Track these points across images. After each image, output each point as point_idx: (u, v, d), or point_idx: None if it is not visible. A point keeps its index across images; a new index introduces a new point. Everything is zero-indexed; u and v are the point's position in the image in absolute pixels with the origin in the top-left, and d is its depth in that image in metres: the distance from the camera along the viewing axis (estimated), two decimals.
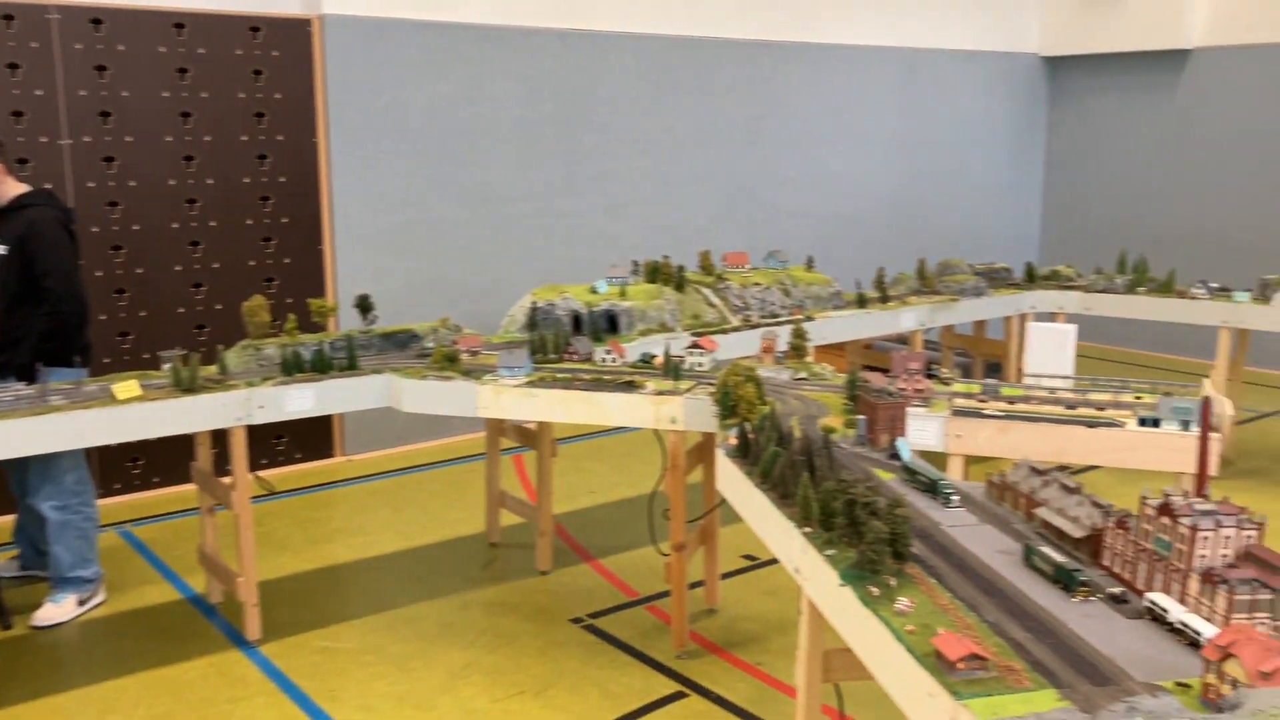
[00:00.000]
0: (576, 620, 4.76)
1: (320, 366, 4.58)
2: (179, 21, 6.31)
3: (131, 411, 4.12)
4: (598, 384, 4.36)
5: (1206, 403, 2.63)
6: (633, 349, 4.93)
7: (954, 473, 3.97)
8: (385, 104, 7.00)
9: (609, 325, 5.26)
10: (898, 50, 9.56)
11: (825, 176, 9.29)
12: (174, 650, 4.49)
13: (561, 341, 4.85)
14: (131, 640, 4.61)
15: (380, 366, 4.72)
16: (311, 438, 6.97)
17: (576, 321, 5.23)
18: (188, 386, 4.27)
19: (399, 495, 6.45)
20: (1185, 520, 2.33)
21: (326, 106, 6.81)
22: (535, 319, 5.24)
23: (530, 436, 5.35)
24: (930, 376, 4.34)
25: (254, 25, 6.57)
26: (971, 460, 4.26)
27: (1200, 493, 2.56)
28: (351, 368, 4.65)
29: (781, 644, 4.48)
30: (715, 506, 4.62)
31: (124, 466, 6.36)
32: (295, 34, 6.70)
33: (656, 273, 5.69)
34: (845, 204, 9.44)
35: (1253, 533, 2.34)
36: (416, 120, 7.15)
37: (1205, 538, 2.31)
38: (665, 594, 4.69)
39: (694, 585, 4.86)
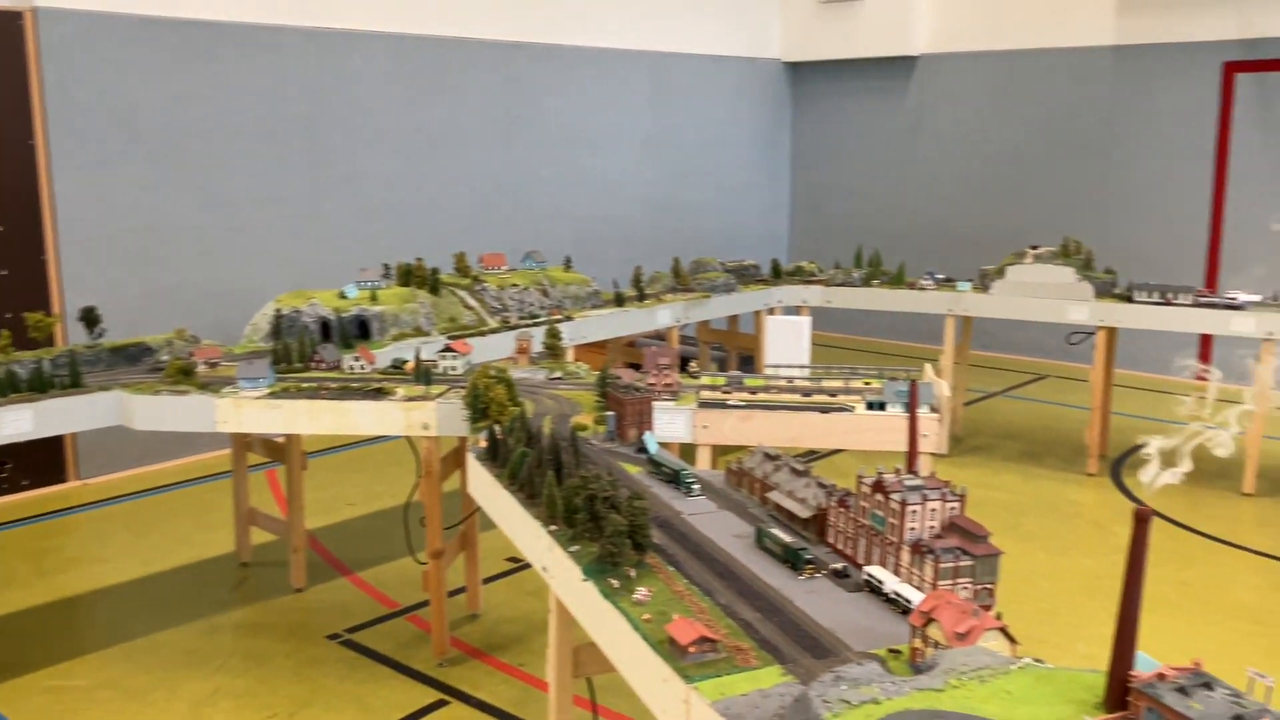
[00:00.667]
0: (334, 636, 4.61)
1: (38, 385, 4.24)
2: None
3: None
4: (345, 392, 4.24)
5: (914, 386, 2.83)
6: (384, 355, 4.83)
7: (702, 463, 4.11)
8: (113, 104, 6.57)
9: (360, 331, 5.13)
10: (648, 54, 9.78)
11: (582, 177, 9.39)
12: None
13: (307, 349, 4.69)
14: None
15: (109, 383, 4.42)
16: (39, 462, 6.46)
17: (325, 328, 5.07)
18: None
19: (140, 519, 6.06)
20: (895, 496, 2.49)
21: (44, 106, 6.32)
22: (280, 327, 5.04)
23: (279, 450, 5.15)
24: (683, 371, 4.47)
25: None
26: (723, 450, 4.42)
27: (911, 470, 2.74)
28: (75, 385, 4.33)
29: (542, 643, 4.47)
30: (473, 512, 4.58)
31: None
32: (4, 28, 6.18)
33: (410, 276, 5.59)
34: (602, 204, 9.58)
35: (955, 504, 2.52)
36: (149, 121, 6.74)
37: (914, 511, 2.48)
38: (425, 603, 4.62)
39: (456, 592, 4.81)
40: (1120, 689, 1.69)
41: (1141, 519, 1.70)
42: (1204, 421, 3.62)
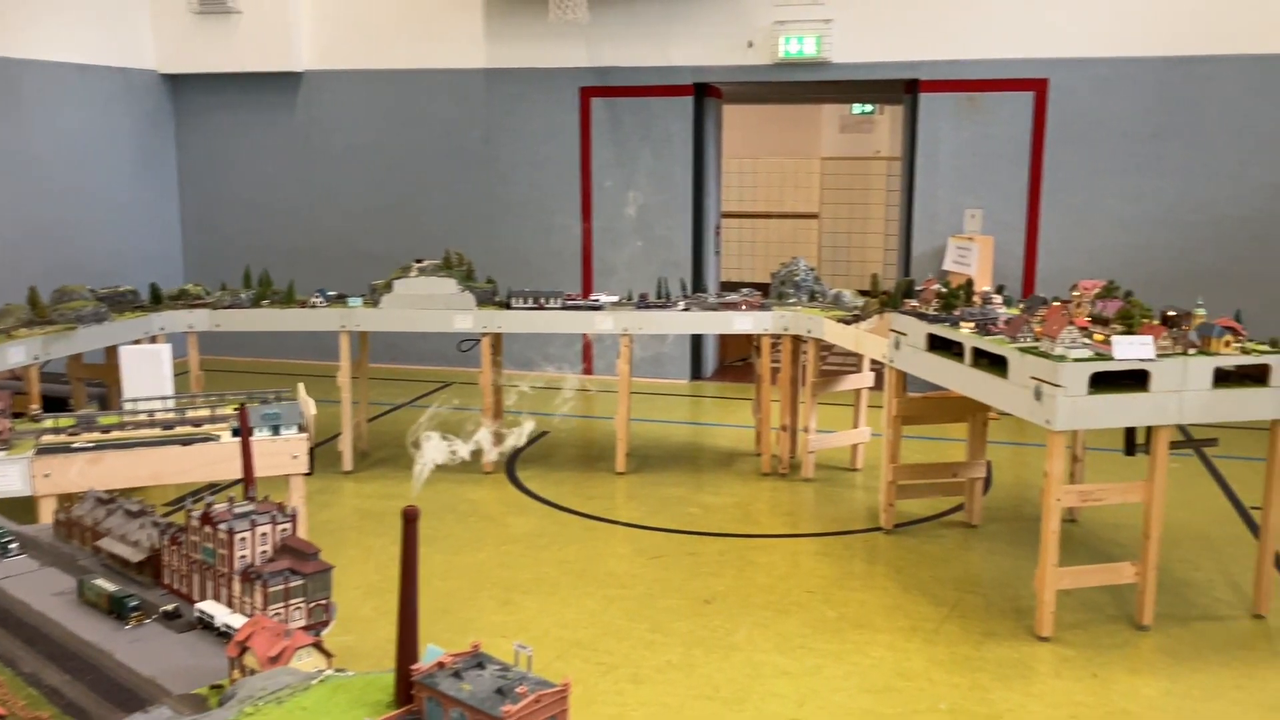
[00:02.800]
0: None
1: None
2: None
3: None
4: None
5: (243, 409, 2.76)
6: None
7: (46, 516, 3.70)
8: None
9: None
10: None
11: None
12: None
13: None
14: None
15: None
16: None
17: None
18: None
19: None
20: (223, 526, 2.41)
21: None
22: None
23: None
24: (18, 415, 3.99)
25: None
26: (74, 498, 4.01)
27: (246, 495, 2.67)
28: None
29: None
30: None
31: None
32: None
33: None
34: None
35: (287, 526, 2.50)
36: None
37: (243, 539, 2.41)
38: None
39: None
40: (406, 684, 1.76)
41: (409, 519, 1.79)
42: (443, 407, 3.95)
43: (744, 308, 6.94)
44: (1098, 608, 4.97)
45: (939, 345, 5.34)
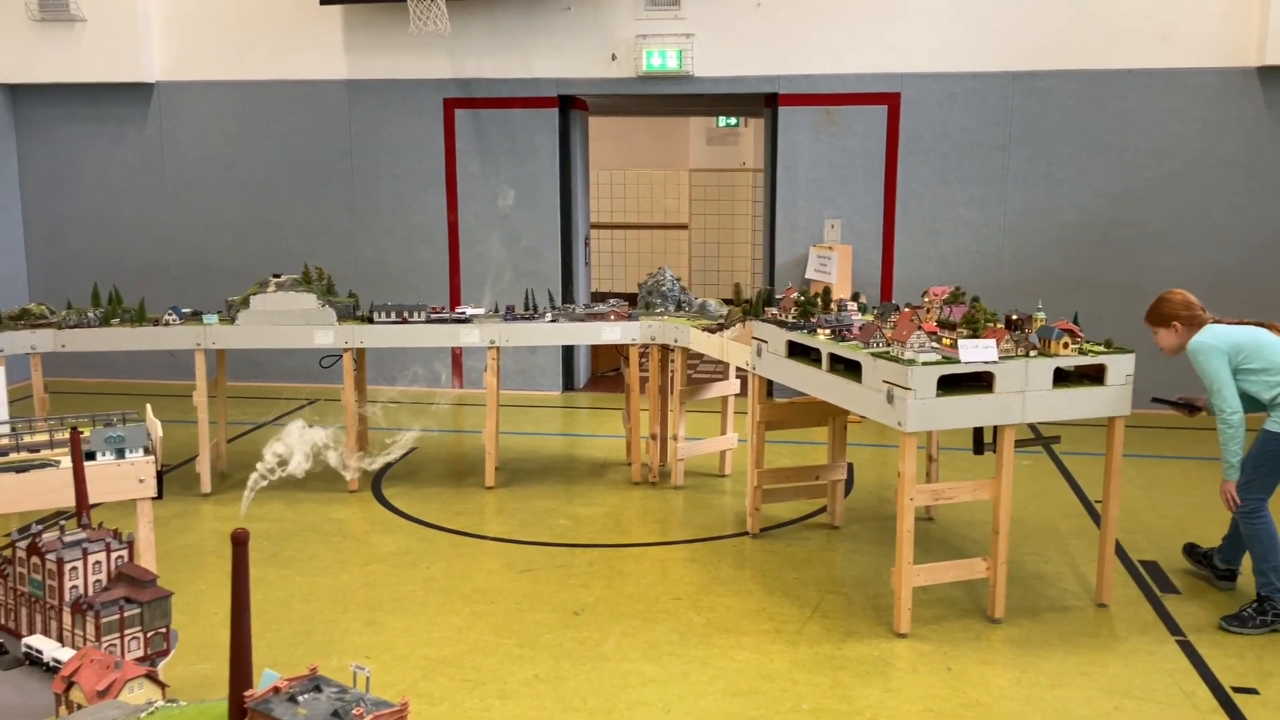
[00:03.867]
0: None
1: None
2: None
3: None
4: None
5: (75, 434, 2.65)
6: None
7: None
8: None
9: None
10: None
11: None
12: None
13: None
14: None
15: None
16: None
17: None
18: None
19: None
20: (51, 556, 2.31)
21: None
22: None
23: None
24: None
25: None
26: None
27: (80, 523, 2.57)
28: None
29: None
30: None
31: None
32: None
33: None
34: None
35: (123, 553, 2.42)
36: None
37: (74, 568, 2.32)
38: None
39: None
40: (239, 710, 1.72)
41: (239, 542, 1.75)
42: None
43: (612, 318, 6.97)
44: (953, 603, 5.15)
45: (798, 352, 5.47)
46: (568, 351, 10.11)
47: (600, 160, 13.95)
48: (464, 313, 7.16)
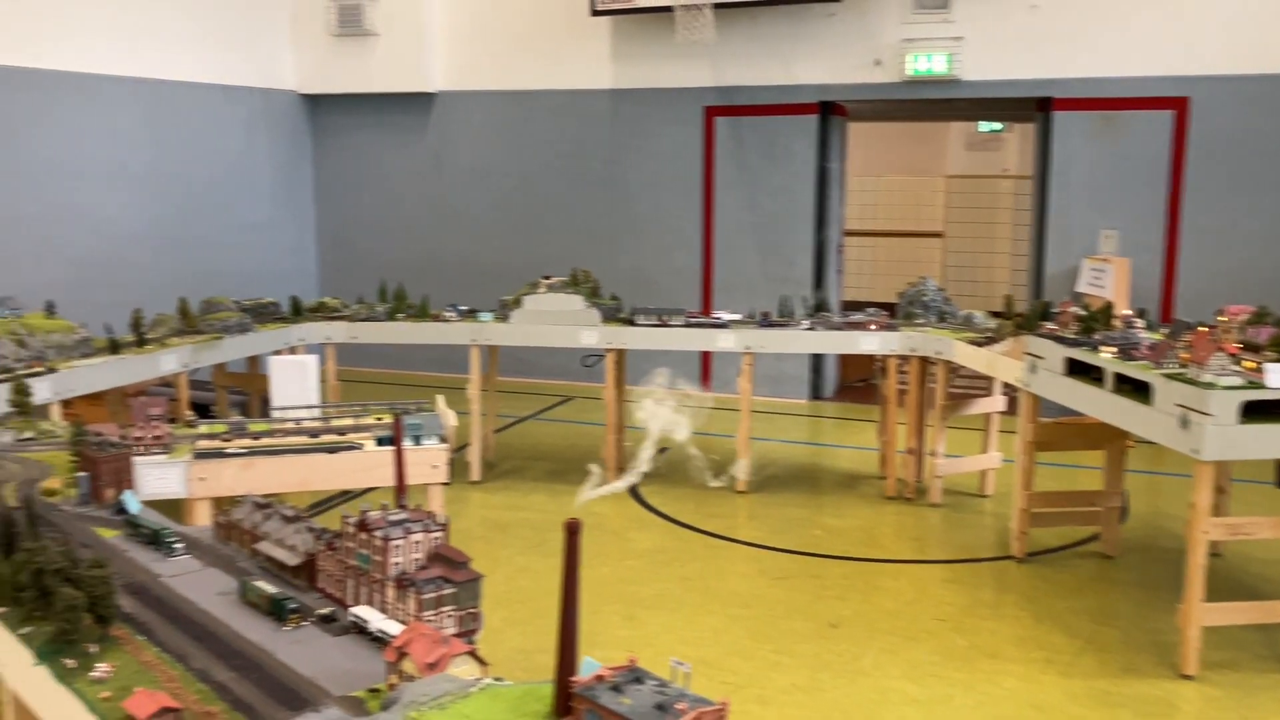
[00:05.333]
0: None
1: None
2: None
3: None
4: None
5: (398, 420, 2.85)
6: None
7: (201, 518, 3.86)
8: None
9: None
10: (145, 81, 9.11)
11: (70, 214, 8.52)
12: None
13: None
14: None
15: None
16: None
17: None
18: None
19: None
20: (378, 533, 2.49)
21: None
22: None
23: None
24: (174, 420, 4.18)
25: None
26: (230, 502, 4.18)
27: (400, 504, 2.75)
28: None
29: None
30: None
31: None
32: None
33: None
34: (97, 243, 8.76)
35: (439, 534, 2.57)
36: None
37: (397, 546, 2.49)
38: None
39: None
40: (565, 695, 1.79)
41: (571, 531, 1.82)
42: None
43: (872, 327, 6.86)
44: (1245, 646, 4.76)
45: (1077, 370, 5.19)
46: (816, 359, 10.01)
47: (852, 165, 13.75)
48: (720, 318, 7.23)
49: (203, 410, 7.13)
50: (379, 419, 4.32)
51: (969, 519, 6.60)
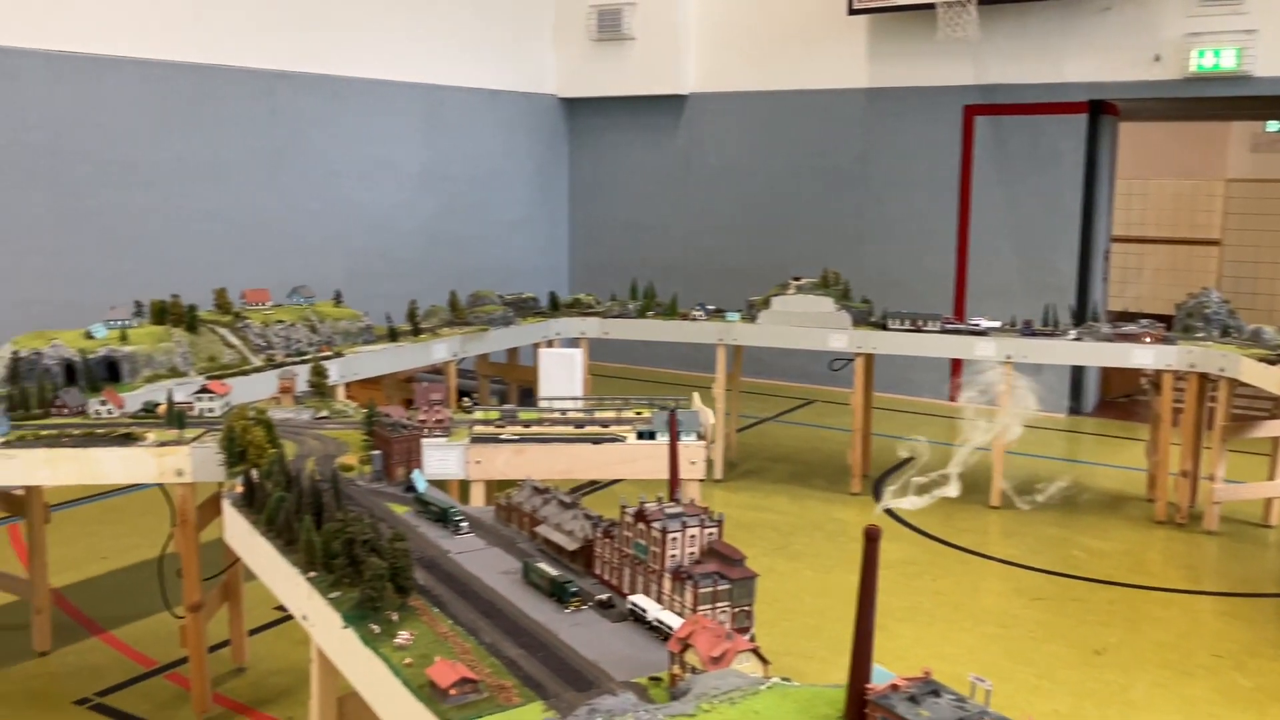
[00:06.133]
0: (82, 701, 4.28)
1: None
2: None
3: None
4: (90, 439, 3.97)
5: (672, 415, 2.90)
6: (135, 398, 4.55)
7: (476, 499, 4.07)
8: None
9: (109, 373, 4.81)
10: (421, 86, 9.69)
11: (353, 210, 9.17)
12: None
13: (47, 394, 4.36)
14: None
15: None
16: None
17: (70, 371, 4.73)
18: None
19: None
20: (656, 525, 2.54)
21: None
22: (18, 371, 4.66)
23: (18, 503, 4.75)
24: (460, 406, 4.41)
25: None
26: (498, 485, 4.39)
27: (673, 497, 2.80)
28: None
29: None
30: (235, 561, 4.37)
31: None
32: None
33: (165, 313, 5.30)
34: (376, 237, 9.38)
35: (714, 530, 2.59)
36: None
37: (674, 539, 2.53)
38: (185, 659, 4.36)
39: (221, 645, 4.57)
40: (858, 702, 1.77)
41: (871, 538, 1.80)
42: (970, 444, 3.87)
43: (1146, 340, 6.44)
44: None
45: None
46: (1076, 372, 9.50)
47: (1119, 168, 12.95)
48: (978, 324, 6.97)
49: (464, 397, 7.51)
50: (638, 413, 4.42)
51: (1250, 550, 6.10)
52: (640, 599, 2.51)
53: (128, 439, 3.97)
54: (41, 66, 6.93)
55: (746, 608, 2.48)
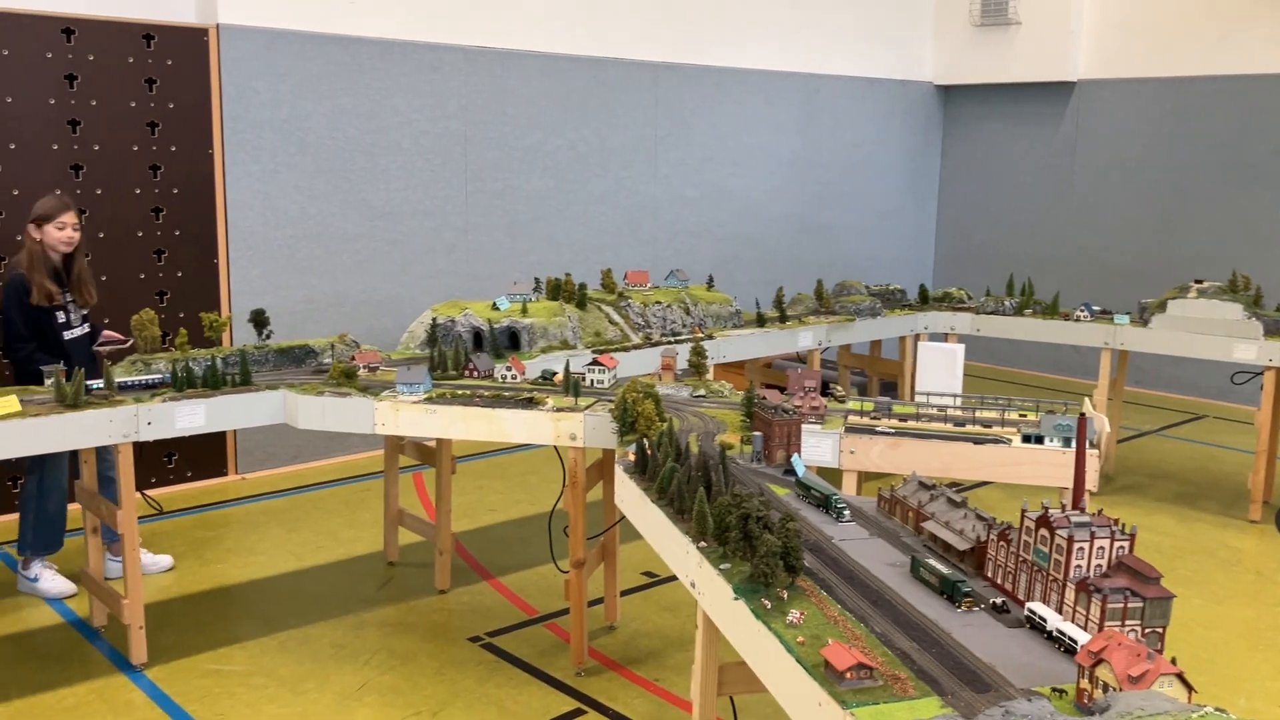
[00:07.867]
0: (475, 639, 4.72)
1: (212, 382, 4.47)
2: (67, 28, 6.13)
3: (9, 427, 3.96)
4: (498, 401, 4.35)
5: (1083, 420, 2.74)
6: (533, 366, 4.93)
7: (848, 488, 4.06)
8: (284, 116, 6.89)
9: (510, 342, 5.25)
10: (798, 75, 9.76)
11: (725, 197, 9.41)
12: (54, 676, 4.32)
13: (461, 358, 4.83)
14: (7, 667, 4.42)
15: (275, 382, 4.62)
16: (203, 456, 6.80)
17: (477, 338, 5.21)
18: (71, 402, 4.13)
19: (293, 514, 6.31)
20: (1062, 532, 2.42)
21: (222, 117, 6.67)
22: (435, 335, 5.20)
23: (429, 454, 5.30)
24: (825, 395, 4.43)
25: (147, 33, 6.41)
26: (865, 476, 4.37)
27: (1077, 506, 2.66)
28: (245, 383, 4.55)
29: (678, 660, 4.51)
30: (615, 523, 4.63)
31: (3, 486, 6.11)
32: (190, 43, 6.55)
33: (558, 290, 5.70)
34: (745, 224, 9.58)
35: (1124, 544, 2.44)
36: (316, 133, 7.04)
37: (1080, 549, 2.40)
38: (564, 612, 4.69)
39: (594, 603, 4.87)
40: None
41: None
42: None
43: None
44: None
45: None
46: None
47: None
48: None
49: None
50: (1021, 415, 4.23)
51: None
52: (1039, 607, 2.41)
53: (530, 403, 4.31)
54: (460, 60, 7.63)
55: (1160, 629, 2.31)
